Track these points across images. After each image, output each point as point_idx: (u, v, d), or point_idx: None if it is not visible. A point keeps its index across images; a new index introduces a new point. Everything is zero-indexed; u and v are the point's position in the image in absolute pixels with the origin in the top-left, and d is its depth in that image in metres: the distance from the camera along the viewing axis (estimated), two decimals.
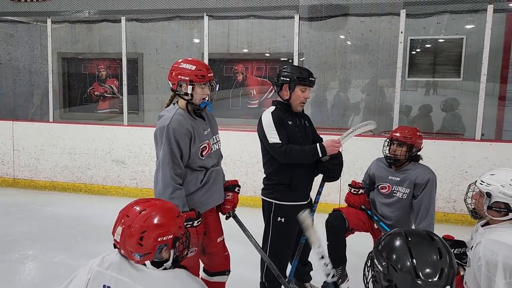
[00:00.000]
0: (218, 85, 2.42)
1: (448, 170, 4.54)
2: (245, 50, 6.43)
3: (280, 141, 2.48)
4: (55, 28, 6.60)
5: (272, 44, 6.24)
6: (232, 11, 5.70)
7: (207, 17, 5.26)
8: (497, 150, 4.44)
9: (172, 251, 1.65)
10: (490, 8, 4.36)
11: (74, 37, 7.02)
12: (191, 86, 2.27)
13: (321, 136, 2.86)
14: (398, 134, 2.91)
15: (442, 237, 2.38)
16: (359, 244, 3.29)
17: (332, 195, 4.83)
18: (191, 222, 2.18)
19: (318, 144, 2.52)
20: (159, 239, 1.59)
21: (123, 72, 5.59)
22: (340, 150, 2.62)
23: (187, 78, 2.27)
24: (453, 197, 4.59)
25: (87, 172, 5.65)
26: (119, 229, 1.61)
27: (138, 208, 1.63)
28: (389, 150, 2.94)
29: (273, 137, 2.49)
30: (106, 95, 7.10)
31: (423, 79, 5.83)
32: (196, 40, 6.47)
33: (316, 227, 2.29)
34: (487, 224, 2.03)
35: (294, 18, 4.96)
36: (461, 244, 2.28)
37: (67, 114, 7.12)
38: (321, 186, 2.70)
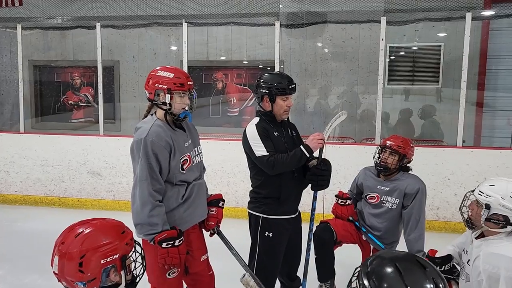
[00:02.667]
0: (195, 94, 2.29)
1: (431, 177, 4.52)
2: (224, 58, 6.33)
3: (267, 153, 2.36)
4: (26, 35, 6.34)
5: (252, 51, 6.16)
6: (211, 18, 5.61)
7: (186, 24, 5.12)
8: (478, 157, 4.47)
9: (122, 273, 1.48)
10: (469, 16, 4.41)
11: (46, 44, 6.76)
12: (169, 95, 2.13)
13: None
14: (391, 142, 2.86)
15: (428, 253, 2.33)
16: (347, 256, 3.21)
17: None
18: (172, 242, 2.04)
19: (301, 145, 2.40)
20: (102, 261, 1.42)
21: (98, 80, 5.40)
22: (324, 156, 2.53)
23: (165, 87, 2.14)
24: (436, 204, 4.58)
25: (60, 185, 5.40)
26: (56, 259, 1.43)
27: (74, 232, 1.47)
28: (379, 157, 2.88)
29: (260, 149, 2.37)
30: (80, 104, 6.86)
31: (402, 86, 5.86)
32: (174, 48, 6.34)
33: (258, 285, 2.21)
34: (481, 235, 1.97)
35: (274, 25, 4.89)
36: (448, 259, 2.22)
37: (39, 124, 6.83)
38: (315, 192, 2.59)
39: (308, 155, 2.38)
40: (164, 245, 2.02)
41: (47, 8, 6.08)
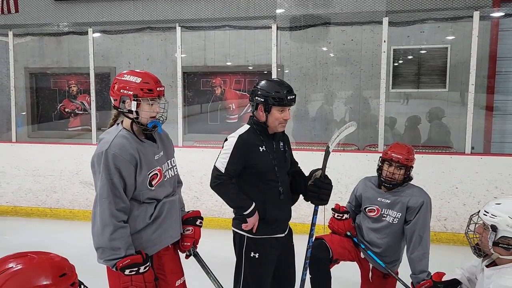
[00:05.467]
0: (167, 101, 2.07)
1: (438, 186, 4.27)
2: (227, 63, 6.15)
3: (223, 173, 2.16)
4: (21, 43, 6.23)
5: (251, 56, 5.98)
6: (207, 21, 5.44)
7: (180, 28, 4.95)
8: (488, 164, 4.20)
9: None
10: (476, 15, 4.17)
11: (42, 52, 6.65)
12: (135, 102, 1.92)
13: (304, 151, 2.55)
14: (398, 156, 2.60)
15: (431, 277, 2.09)
16: (345, 271, 2.96)
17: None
18: (136, 268, 1.81)
19: (253, 205, 2.17)
20: None
21: (91, 87, 5.26)
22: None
23: (131, 93, 1.92)
24: (443, 215, 4.31)
25: (52, 196, 5.23)
26: None
27: (1, 266, 1.18)
28: (382, 171, 2.63)
29: (222, 162, 2.17)
30: (77, 111, 6.73)
31: (407, 90, 5.61)
32: (171, 53, 6.18)
33: None
34: (493, 263, 1.71)
35: (271, 28, 4.69)
36: (453, 283, 1.97)
37: (36, 133, 6.71)
38: (316, 206, 2.36)
39: (245, 213, 2.17)
40: (127, 272, 1.80)
41: (42, 15, 5.98)
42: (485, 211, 1.70)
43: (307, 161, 2.71)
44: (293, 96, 2.20)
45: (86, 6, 6.04)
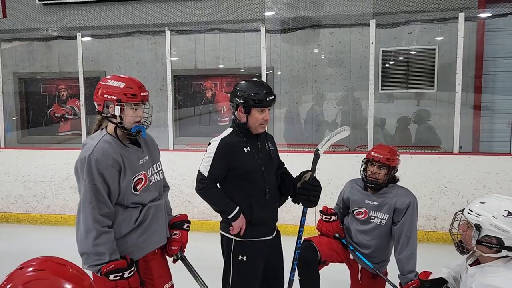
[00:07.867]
0: (151, 105, 2.08)
1: (427, 185, 4.31)
2: (217, 66, 6.15)
3: (206, 177, 2.19)
4: (9, 48, 6.20)
5: (242, 58, 6.00)
6: (197, 25, 5.45)
7: (169, 32, 4.95)
8: (476, 164, 4.25)
9: None
10: (462, 16, 4.23)
11: (31, 57, 6.61)
12: (119, 107, 1.92)
13: (295, 153, 2.56)
14: (380, 156, 2.62)
15: (419, 276, 2.11)
16: (335, 271, 2.98)
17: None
18: (120, 274, 1.81)
19: (237, 209, 2.19)
20: None
21: (80, 91, 5.24)
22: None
23: (115, 98, 1.93)
24: (433, 214, 4.36)
25: (43, 201, 5.20)
26: None
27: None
28: (366, 172, 2.65)
29: (205, 166, 2.20)
30: (67, 116, 6.69)
31: (397, 91, 5.66)
32: (161, 57, 6.18)
33: None
34: (476, 261, 1.73)
35: (260, 30, 4.72)
36: (439, 282, 2.00)
37: (25, 138, 6.66)
38: (305, 208, 2.38)
39: (229, 217, 2.20)
40: (111, 277, 1.80)
41: (30, 20, 5.95)
42: (469, 209, 1.71)
43: (298, 162, 2.73)
44: (273, 97, 2.21)
45: (75, 11, 6.02)
